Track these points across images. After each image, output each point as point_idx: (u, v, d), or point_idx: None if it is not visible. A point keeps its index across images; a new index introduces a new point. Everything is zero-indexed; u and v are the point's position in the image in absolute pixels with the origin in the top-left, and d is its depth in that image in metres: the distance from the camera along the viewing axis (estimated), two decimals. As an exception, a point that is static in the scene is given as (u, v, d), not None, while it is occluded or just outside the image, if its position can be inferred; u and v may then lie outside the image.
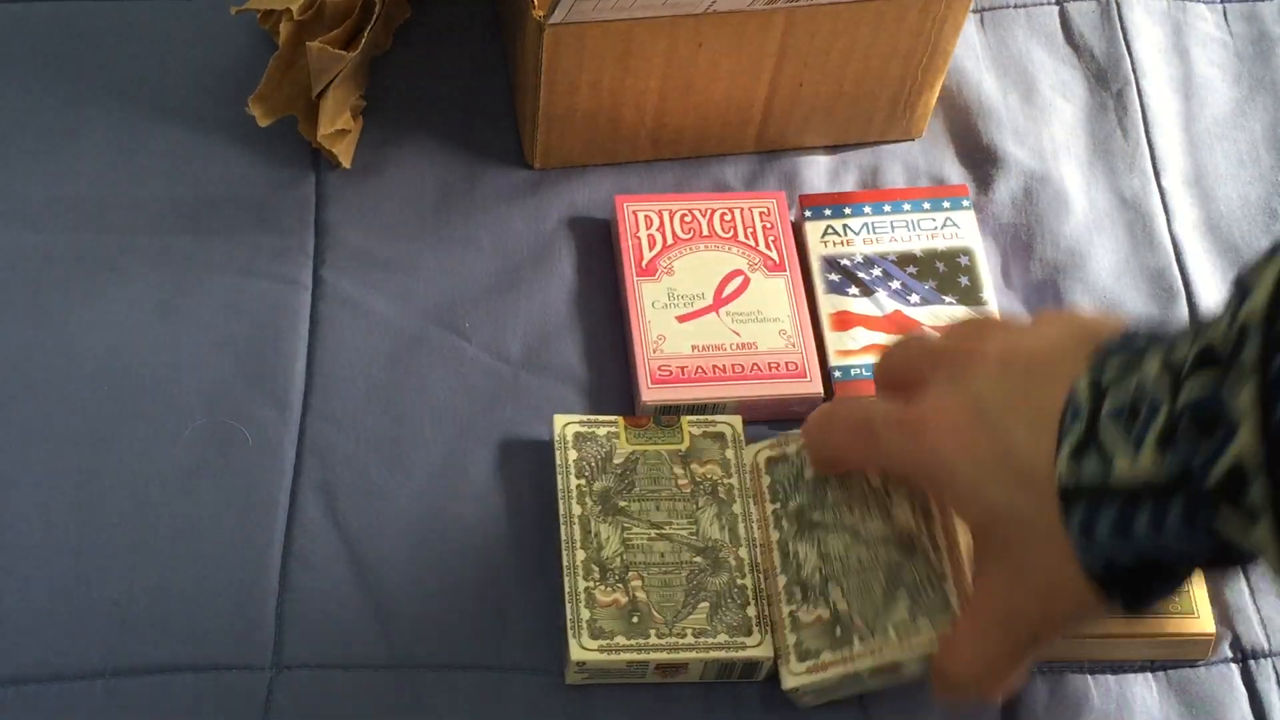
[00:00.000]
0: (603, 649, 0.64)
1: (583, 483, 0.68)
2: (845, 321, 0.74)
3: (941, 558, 0.64)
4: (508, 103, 0.81)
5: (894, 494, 0.66)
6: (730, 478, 0.68)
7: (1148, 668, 0.68)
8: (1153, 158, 0.82)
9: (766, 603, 0.65)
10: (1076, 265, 0.78)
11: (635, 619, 0.65)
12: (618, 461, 0.68)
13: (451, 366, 0.73)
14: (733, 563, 0.66)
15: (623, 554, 0.66)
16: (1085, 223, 0.80)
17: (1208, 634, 0.67)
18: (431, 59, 0.82)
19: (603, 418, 0.70)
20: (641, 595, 0.65)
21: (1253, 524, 0.48)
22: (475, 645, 0.66)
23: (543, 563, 0.68)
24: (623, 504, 0.67)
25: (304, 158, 0.78)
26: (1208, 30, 0.87)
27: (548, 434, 0.70)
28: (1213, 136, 0.84)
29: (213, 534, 0.68)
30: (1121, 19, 0.86)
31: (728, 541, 0.67)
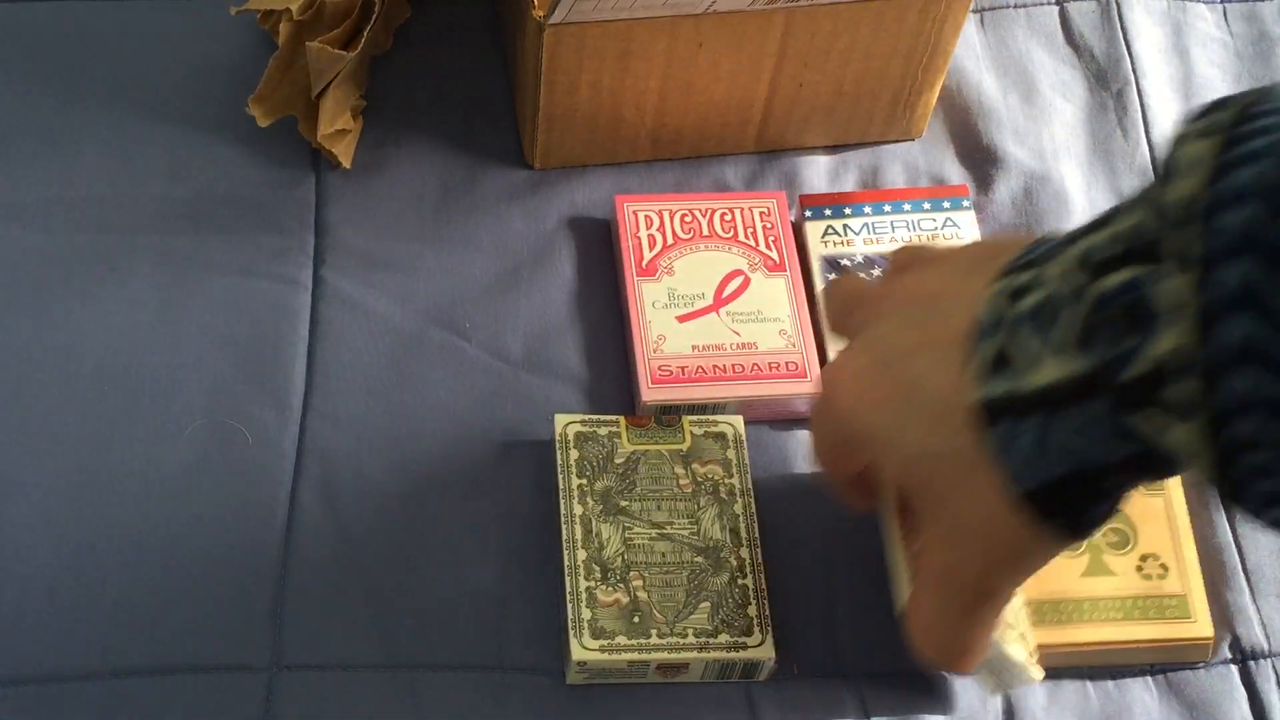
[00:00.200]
0: (604, 649, 0.64)
1: (584, 482, 0.68)
2: (845, 321, 0.74)
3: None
4: (508, 103, 0.81)
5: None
6: (732, 478, 0.68)
7: (1147, 671, 0.68)
8: (1153, 158, 0.82)
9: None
10: (1076, 265, 0.78)
11: (636, 619, 0.65)
12: (619, 461, 0.68)
13: (452, 366, 0.73)
14: (734, 563, 0.66)
15: (624, 554, 0.66)
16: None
17: (1206, 638, 0.67)
18: (431, 59, 0.82)
19: (604, 417, 0.70)
20: (643, 595, 0.65)
21: (1179, 423, 0.45)
22: (475, 645, 0.66)
23: (543, 562, 0.68)
24: (624, 504, 0.67)
25: (304, 158, 0.78)
26: (1208, 30, 0.87)
27: (548, 434, 0.70)
28: (1212, 137, 0.84)
29: (213, 534, 0.67)
30: (1121, 19, 0.86)
31: (729, 542, 0.67)
